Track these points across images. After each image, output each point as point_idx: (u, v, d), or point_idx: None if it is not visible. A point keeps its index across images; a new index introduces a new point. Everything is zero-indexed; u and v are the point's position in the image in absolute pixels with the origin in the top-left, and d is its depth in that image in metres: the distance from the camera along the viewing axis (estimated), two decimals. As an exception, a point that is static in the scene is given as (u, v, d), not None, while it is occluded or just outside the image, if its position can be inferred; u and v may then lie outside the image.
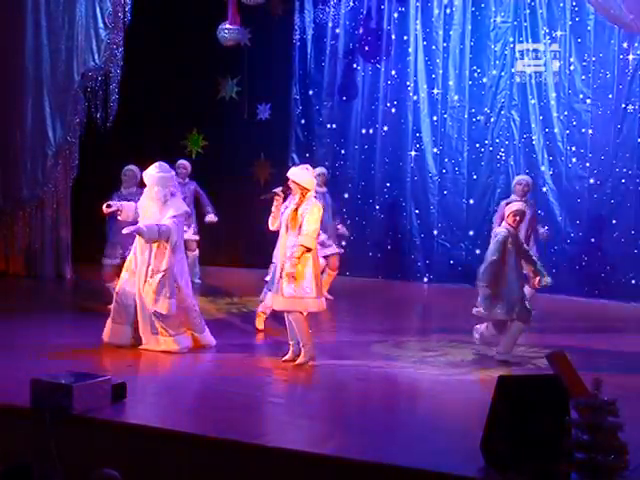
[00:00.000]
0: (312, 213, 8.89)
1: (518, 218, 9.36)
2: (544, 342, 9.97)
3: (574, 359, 6.61)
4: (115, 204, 9.82)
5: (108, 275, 11.48)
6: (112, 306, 9.69)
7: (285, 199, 9.14)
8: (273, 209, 9.14)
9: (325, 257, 11.95)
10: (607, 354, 9.84)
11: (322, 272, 11.00)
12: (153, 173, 9.51)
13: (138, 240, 9.48)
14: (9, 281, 13.33)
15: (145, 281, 9.40)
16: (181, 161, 13.37)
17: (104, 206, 9.70)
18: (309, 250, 8.85)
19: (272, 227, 9.20)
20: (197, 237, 13.32)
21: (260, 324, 10.63)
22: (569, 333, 10.59)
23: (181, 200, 10.05)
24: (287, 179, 9.10)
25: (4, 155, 13.65)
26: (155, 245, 9.37)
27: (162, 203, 9.47)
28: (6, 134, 13.64)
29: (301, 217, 8.89)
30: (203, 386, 8.62)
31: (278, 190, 9.14)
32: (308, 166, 9.34)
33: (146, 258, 9.42)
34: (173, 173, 9.84)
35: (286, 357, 9.17)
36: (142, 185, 9.93)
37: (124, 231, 9.50)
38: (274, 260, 9.82)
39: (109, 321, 9.63)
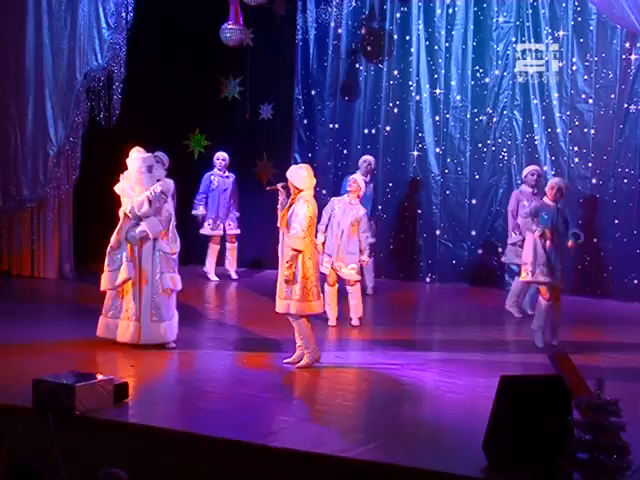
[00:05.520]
0: (299, 213, 8.71)
1: (554, 191, 9.97)
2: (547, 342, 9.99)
3: (576, 359, 6.62)
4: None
5: None
6: None
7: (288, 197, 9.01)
8: (278, 206, 9.01)
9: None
10: (609, 354, 9.84)
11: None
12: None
13: None
14: (10, 281, 13.33)
15: None
16: (219, 152, 13.84)
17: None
18: (299, 252, 8.67)
19: (279, 225, 9.00)
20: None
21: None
22: (571, 333, 10.58)
23: None
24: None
25: (5, 155, 13.62)
26: None
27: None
28: (7, 134, 13.60)
29: (289, 217, 8.77)
30: (205, 386, 8.62)
31: (279, 185, 9.02)
32: (307, 166, 9.21)
33: None
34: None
35: (288, 359, 9.08)
36: None
37: None
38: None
39: None
